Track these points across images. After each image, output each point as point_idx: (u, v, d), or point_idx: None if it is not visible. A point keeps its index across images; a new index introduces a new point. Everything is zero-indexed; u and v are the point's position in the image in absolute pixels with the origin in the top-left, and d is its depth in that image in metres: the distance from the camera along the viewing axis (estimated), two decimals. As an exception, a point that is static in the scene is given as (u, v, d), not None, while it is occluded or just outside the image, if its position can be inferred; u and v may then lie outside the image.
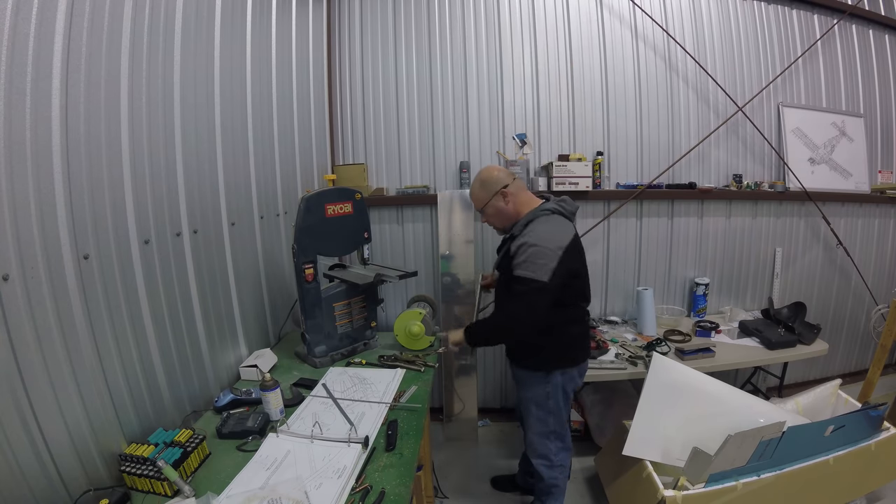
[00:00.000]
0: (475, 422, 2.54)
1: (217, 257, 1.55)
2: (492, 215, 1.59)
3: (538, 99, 2.47)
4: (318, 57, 2.37)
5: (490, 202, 1.56)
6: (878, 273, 2.80)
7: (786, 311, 2.41)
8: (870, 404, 1.74)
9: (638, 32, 2.45)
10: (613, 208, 2.51)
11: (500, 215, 1.57)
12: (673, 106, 2.50)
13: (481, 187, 1.57)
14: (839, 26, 2.57)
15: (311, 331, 1.68)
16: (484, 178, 1.58)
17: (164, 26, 1.27)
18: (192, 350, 1.41)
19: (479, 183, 1.58)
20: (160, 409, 1.27)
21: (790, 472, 1.51)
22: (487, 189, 1.56)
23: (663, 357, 1.71)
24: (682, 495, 1.41)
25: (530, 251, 1.40)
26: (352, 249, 1.83)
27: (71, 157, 0.98)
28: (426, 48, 2.45)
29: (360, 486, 1.04)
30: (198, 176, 1.44)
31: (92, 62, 1.03)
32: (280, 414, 1.31)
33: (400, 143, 2.51)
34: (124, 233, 1.15)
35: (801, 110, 2.59)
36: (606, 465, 1.96)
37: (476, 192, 1.59)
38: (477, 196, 1.59)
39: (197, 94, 1.43)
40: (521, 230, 1.50)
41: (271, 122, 1.93)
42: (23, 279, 0.87)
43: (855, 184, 2.65)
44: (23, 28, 0.87)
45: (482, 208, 1.59)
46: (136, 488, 1.04)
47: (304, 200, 1.61)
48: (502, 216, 1.57)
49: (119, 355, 1.12)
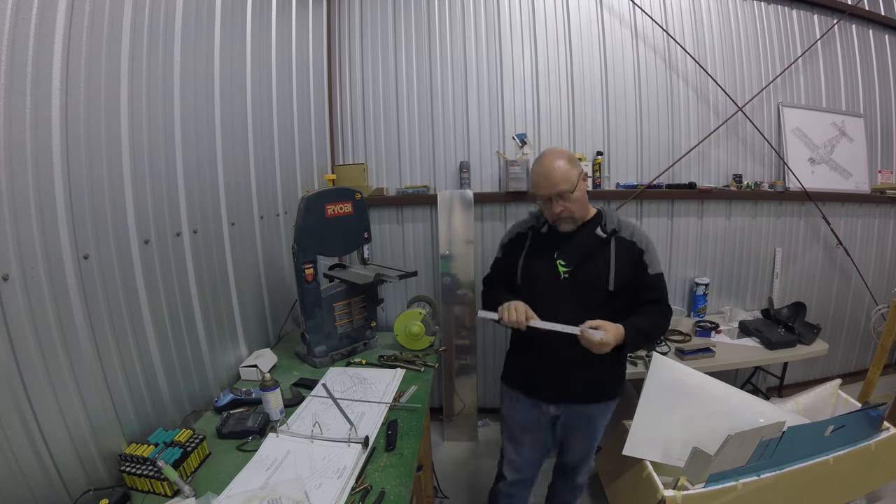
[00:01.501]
0: (475, 422, 2.54)
1: (217, 257, 1.55)
2: (578, 200, 1.32)
3: (538, 99, 2.47)
4: (318, 57, 2.37)
5: (579, 184, 1.32)
6: (878, 273, 2.80)
7: (786, 311, 2.41)
8: (870, 404, 1.74)
9: (638, 32, 2.45)
10: (613, 208, 2.50)
11: (583, 202, 1.36)
12: (673, 106, 2.50)
13: (571, 164, 1.31)
14: (839, 26, 2.57)
15: (311, 331, 1.68)
16: (570, 156, 1.33)
17: (164, 26, 1.27)
18: (192, 350, 1.41)
19: (566, 160, 1.31)
20: (160, 409, 1.27)
21: (790, 472, 1.51)
22: (577, 167, 1.32)
23: (663, 357, 1.71)
24: (682, 495, 1.41)
25: (650, 243, 1.37)
26: (352, 249, 1.83)
27: (71, 157, 0.98)
28: (426, 48, 2.45)
29: (360, 486, 1.04)
30: (198, 176, 1.44)
31: (92, 62, 1.03)
32: (280, 414, 1.31)
33: (400, 143, 2.51)
34: (124, 233, 1.15)
35: (801, 110, 2.59)
36: (606, 465, 1.96)
37: (565, 169, 1.29)
38: (566, 175, 1.29)
39: (197, 94, 1.43)
40: (616, 224, 1.36)
41: (271, 122, 1.93)
42: (23, 279, 0.87)
43: (855, 184, 2.65)
44: (23, 28, 0.87)
45: (572, 190, 1.29)
46: (136, 488, 1.04)
47: (304, 200, 1.61)
48: (584, 204, 1.37)
49: (119, 355, 1.12)
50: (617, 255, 1.34)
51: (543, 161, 1.33)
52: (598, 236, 1.36)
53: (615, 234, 1.36)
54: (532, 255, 1.43)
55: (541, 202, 1.37)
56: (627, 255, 1.34)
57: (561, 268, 1.36)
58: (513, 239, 1.50)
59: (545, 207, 1.36)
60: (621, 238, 1.36)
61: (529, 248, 1.44)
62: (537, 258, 1.41)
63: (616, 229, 1.36)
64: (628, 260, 1.34)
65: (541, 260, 1.40)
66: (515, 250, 1.47)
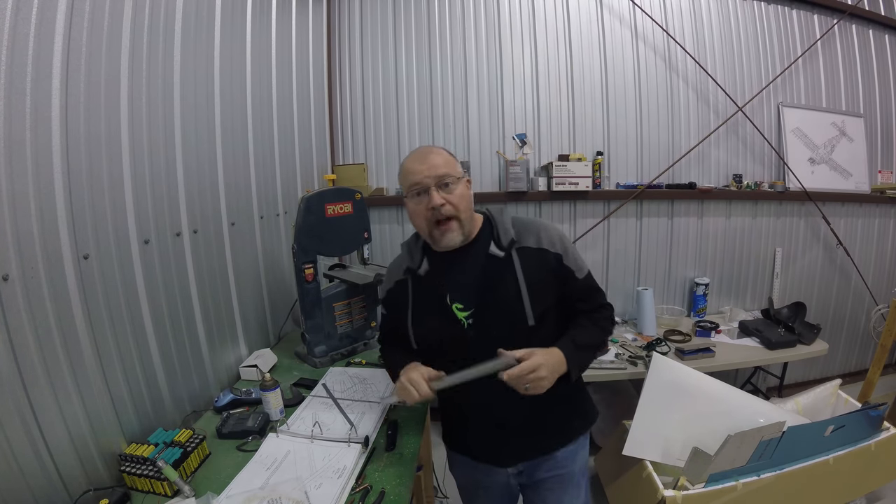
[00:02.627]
0: (475, 422, 2.53)
1: (217, 257, 1.55)
2: (463, 196, 1.04)
3: (538, 99, 2.47)
4: (318, 57, 2.37)
5: (463, 181, 1.06)
6: (878, 273, 2.80)
7: (786, 311, 2.41)
8: (870, 404, 1.74)
9: (638, 32, 2.45)
10: (613, 208, 2.51)
11: (469, 203, 1.07)
12: (673, 106, 2.51)
13: (453, 158, 1.09)
14: (839, 26, 2.57)
15: (311, 331, 1.68)
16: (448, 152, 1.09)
17: (164, 26, 1.27)
18: (192, 350, 1.41)
19: (447, 152, 1.08)
20: (160, 409, 1.27)
21: (790, 472, 1.51)
22: (460, 166, 1.09)
23: (663, 357, 1.71)
24: (682, 495, 1.41)
25: (565, 240, 1.08)
26: (352, 249, 1.83)
27: (71, 157, 0.98)
28: (426, 48, 2.45)
29: (360, 486, 1.04)
30: (198, 176, 1.44)
31: (92, 62, 1.03)
32: (280, 414, 1.31)
33: (400, 143, 2.51)
34: (124, 233, 1.15)
35: (801, 110, 2.59)
36: (606, 465, 1.96)
37: (446, 157, 1.06)
38: (448, 161, 1.05)
39: (197, 94, 1.43)
40: (511, 231, 1.06)
41: (271, 122, 1.93)
42: (23, 279, 0.87)
43: (855, 184, 2.65)
44: (23, 28, 0.87)
45: (457, 178, 1.04)
46: (136, 488, 1.04)
47: (304, 200, 1.61)
48: (469, 206, 1.07)
49: (119, 355, 1.12)
50: (526, 274, 1.02)
51: (418, 151, 1.08)
52: (495, 256, 1.04)
53: (515, 245, 1.05)
54: (420, 310, 1.10)
55: (412, 202, 1.04)
56: (541, 269, 1.04)
57: (459, 314, 1.04)
58: (392, 291, 1.16)
59: (417, 211, 1.03)
60: (526, 249, 1.05)
61: (414, 300, 1.11)
62: (427, 311, 1.09)
63: (514, 239, 1.05)
64: (543, 274, 1.04)
65: (432, 312, 1.07)
66: (399, 305, 1.13)
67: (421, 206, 1.03)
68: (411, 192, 1.04)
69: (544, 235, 1.07)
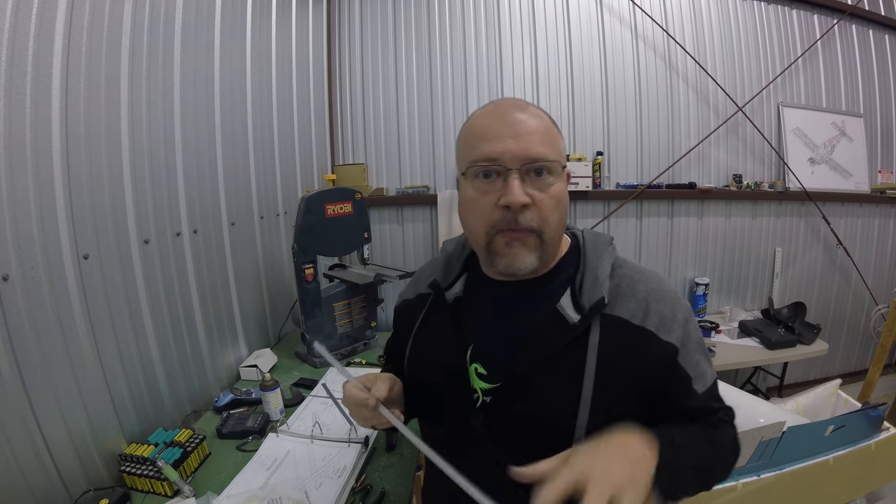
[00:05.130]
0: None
1: (217, 257, 1.55)
2: (558, 201, 0.65)
3: (538, 99, 2.46)
4: (318, 57, 2.37)
5: (564, 170, 0.67)
6: (878, 273, 2.80)
7: (786, 311, 2.41)
8: (870, 404, 1.74)
9: (638, 32, 2.45)
10: (613, 208, 2.51)
11: (563, 210, 0.66)
12: (673, 106, 2.50)
13: (551, 121, 0.68)
14: (839, 26, 2.56)
15: (310, 331, 1.68)
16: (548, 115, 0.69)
17: (164, 26, 1.27)
18: (192, 350, 1.41)
19: (543, 114, 0.67)
20: (160, 408, 1.27)
21: (790, 472, 1.51)
22: (563, 144, 0.69)
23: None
24: (682, 495, 1.41)
25: (690, 324, 0.68)
26: (352, 249, 1.83)
27: (71, 157, 0.98)
28: (426, 48, 2.45)
29: (360, 486, 1.04)
30: (198, 176, 1.44)
31: (92, 62, 1.03)
32: (280, 414, 1.31)
33: (400, 143, 2.51)
34: (124, 233, 1.15)
35: (801, 110, 2.59)
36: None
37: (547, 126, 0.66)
38: (549, 135, 0.65)
39: (197, 94, 1.43)
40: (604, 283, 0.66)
41: (271, 122, 1.93)
42: (23, 279, 0.87)
43: (855, 184, 2.65)
44: (23, 28, 0.87)
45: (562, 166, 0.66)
46: (136, 488, 1.04)
47: (304, 200, 1.61)
48: (562, 216, 0.66)
49: (119, 355, 1.12)
50: (602, 365, 0.62)
51: (500, 103, 0.67)
52: (564, 318, 0.64)
53: (601, 308, 0.63)
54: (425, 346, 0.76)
55: (472, 185, 0.65)
56: (630, 362, 0.63)
57: (478, 382, 0.69)
58: (408, 302, 0.84)
59: (478, 203, 0.64)
60: (617, 320, 0.64)
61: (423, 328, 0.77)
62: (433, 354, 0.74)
63: (605, 299, 0.64)
64: (630, 373, 0.63)
65: (438, 358, 0.73)
66: (407, 324, 0.80)
67: (487, 198, 0.63)
68: (475, 169, 0.64)
69: (656, 308, 0.65)
